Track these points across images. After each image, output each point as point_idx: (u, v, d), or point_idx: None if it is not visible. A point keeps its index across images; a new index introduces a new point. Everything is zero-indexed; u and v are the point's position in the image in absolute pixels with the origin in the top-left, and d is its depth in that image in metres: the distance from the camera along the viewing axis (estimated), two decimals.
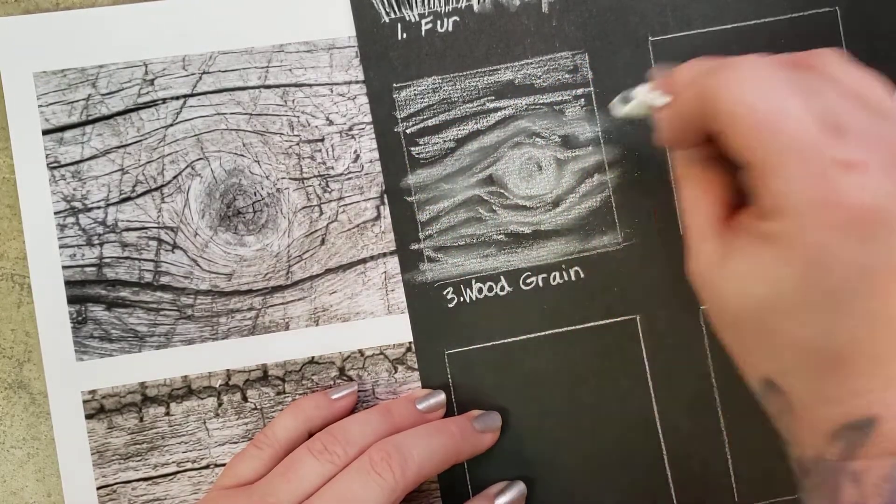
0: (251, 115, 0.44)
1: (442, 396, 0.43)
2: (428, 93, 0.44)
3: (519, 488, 0.43)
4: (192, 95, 0.44)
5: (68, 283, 0.43)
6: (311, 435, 0.41)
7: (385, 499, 0.37)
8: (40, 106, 0.44)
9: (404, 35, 0.44)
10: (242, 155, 0.44)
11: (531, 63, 0.44)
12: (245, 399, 0.44)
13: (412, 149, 0.44)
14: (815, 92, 0.30)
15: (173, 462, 0.44)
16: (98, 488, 0.43)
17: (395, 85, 0.44)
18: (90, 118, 0.44)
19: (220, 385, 0.44)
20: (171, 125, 0.44)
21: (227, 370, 0.44)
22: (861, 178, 0.28)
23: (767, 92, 0.29)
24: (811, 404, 0.30)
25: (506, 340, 0.44)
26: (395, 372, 0.44)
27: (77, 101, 0.44)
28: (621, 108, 0.38)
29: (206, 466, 0.44)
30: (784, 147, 0.29)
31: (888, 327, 0.28)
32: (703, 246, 0.33)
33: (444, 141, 0.44)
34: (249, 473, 0.40)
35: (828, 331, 0.29)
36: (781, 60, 0.32)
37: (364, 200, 0.44)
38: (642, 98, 0.36)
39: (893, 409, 0.28)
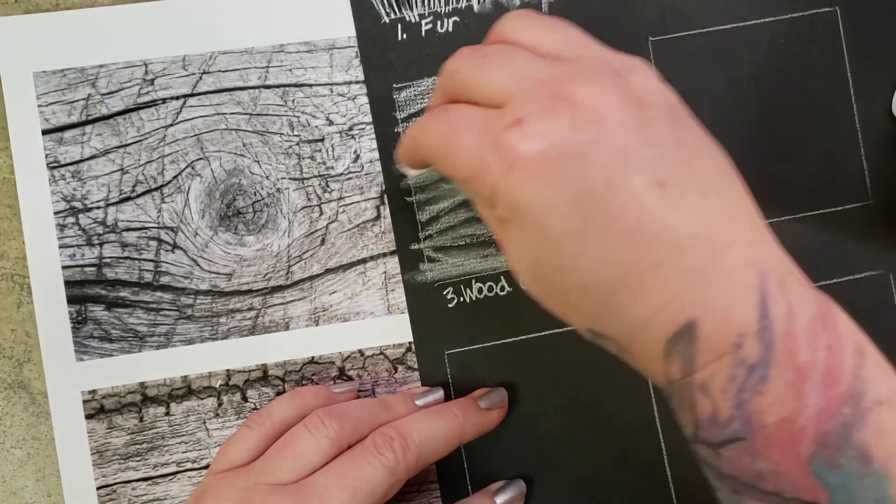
0: (251, 115, 0.44)
1: (440, 393, 0.43)
2: (428, 93, 0.44)
3: (518, 486, 0.43)
4: (192, 95, 0.44)
5: (68, 283, 0.44)
6: None
7: (387, 478, 0.37)
8: (40, 106, 0.44)
9: (404, 35, 0.44)
10: (242, 155, 0.44)
11: None
12: (245, 399, 0.44)
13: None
14: (479, 76, 0.33)
15: (173, 462, 0.44)
16: (98, 488, 0.43)
17: (395, 85, 0.44)
18: (90, 118, 0.44)
19: (220, 385, 0.44)
20: (171, 125, 0.44)
21: (227, 370, 0.44)
22: (521, 130, 0.29)
23: (429, 130, 0.34)
24: (633, 335, 0.31)
25: (506, 340, 0.44)
26: (395, 372, 0.44)
27: (77, 100, 0.44)
28: (411, 172, 0.44)
29: (206, 466, 0.44)
30: (460, 153, 0.32)
31: (643, 236, 0.29)
32: (501, 248, 0.36)
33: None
34: (243, 455, 0.39)
35: (598, 266, 0.30)
36: (468, 51, 0.35)
37: (364, 200, 0.45)
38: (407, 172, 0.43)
39: (704, 307, 0.29)
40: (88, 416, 0.44)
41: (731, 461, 0.30)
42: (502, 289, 0.44)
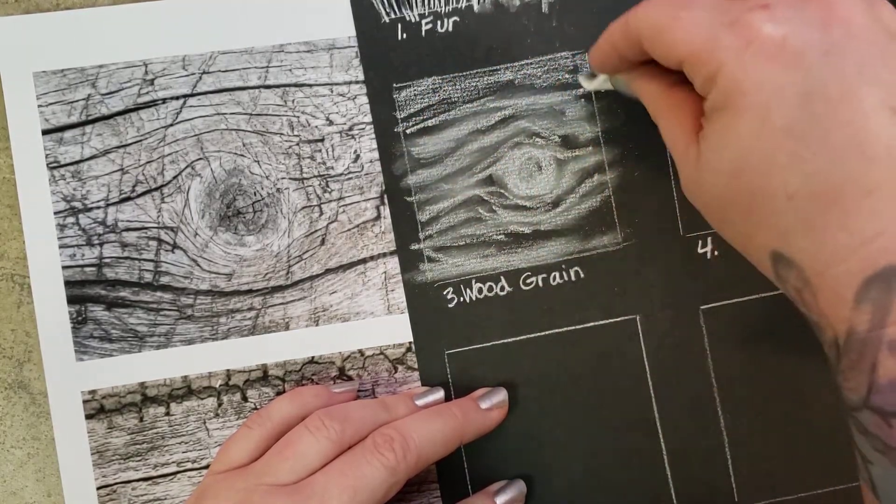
0: (251, 115, 0.44)
1: (440, 394, 0.43)
2: (428, 93, 0.45)
3: (519, 487, 0.43)
4: (192, 95, 0.44)
5: (68, 283, 0.44)
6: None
7: (388, 478, 0.37)
8: (40, 106, 0.44)
9: (404, 35, 0.44)
10: (242, 155, 0.44)
11: (531, 63, 0.45)
12: (245, 399, 0.44)
13: (412, 149, 0.44)
14: None
15: (173, 462, 0.44)
16: (98, 488, 0.44)
17: (395, 85, 0.45)
18: (90, 118, 0.44)
19: (220, 385, 0.44)
20: (171, 125, 0.44)
21: (227, 370, 0.44)
22: (768, 13, 0.29)
23: (653, 5, 0.32)
24: (824, 266, 0.28)
25: (506, 340, 0.45)
26: (395, 372, 0.45)
27: (77, 100, 0.44)
28: (588, 84, 0.43)
29: (206, 466, 0.44)
30: (689, 26, 0.31)
31: (866, 152, 0.28)
32: (685, 158, 0.34)
33: (444, 141, 0.45)
34: (243, 456, 0.39)
35: (814, 172, 0.28)
36: None
37: (364, 200, 0.45)
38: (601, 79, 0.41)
39: None
40: (88, 416, 0.44)
41: None
42: (502, 289, 0.45)
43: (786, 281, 0.31)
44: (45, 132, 0.44)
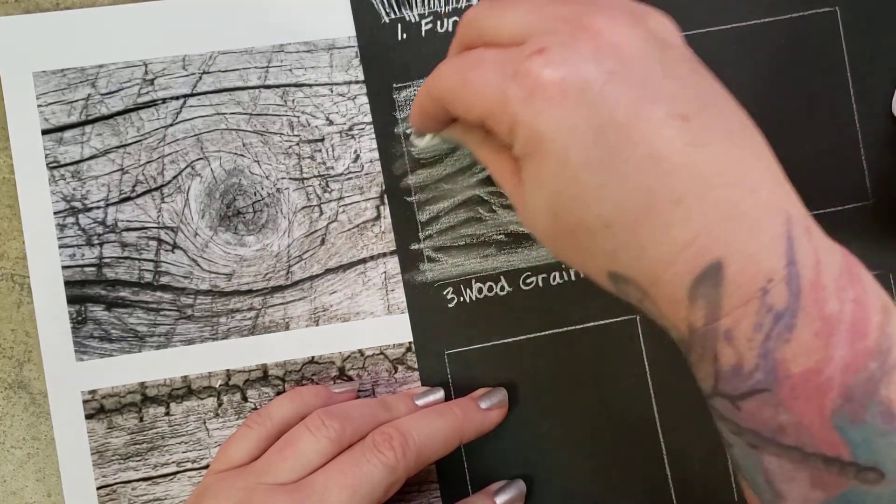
0: (251, 115, 0.44)
1: (440, 393, 0.43)
2: None
3: (518, 486, 0.43)
4: (192, 95, 0.44)
5: (68, 283, 0.44)
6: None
7: (387, 477, 0.37)
8: (40, 106, 0.44)
9: (404, 35, 0.45)
10: (242, 155, 0.44)
11: None
12: (245, 399, 0.44)
13: (412, 149, 0.45)
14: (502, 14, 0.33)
15: (173, 462, 0.44)
16: (98, 488, 0.44)
17: (395, 85, 0.45)
18: (90, 118, 0.44)
19: (220, 385, 0.44)
20: (171, 125, 0.44)
21: (227, 370, 0.44)
22: (544, 58, 0.29)
23: (445, 71, 0.34)
24: (656, 275, 0.30)
25: (506, 340, 0.45)
26: (395, 372, 0.45)
27: (77, 100, 0.44)
28: (419, 142, 0.42)
29: (206, 466, 0.44)
30: (479, 87, 0.32)
31: (665, 166, 0.29)
32: (514, 199, 0.35)
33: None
34: (243, 455, 0.39)
35: (622, 198, 0.29)
36: (486, 2, 0.34)
37: (364, 200, 0.45)
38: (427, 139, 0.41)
39: (730, 248, 0.28)
40: (88, 416, 0.44)
41: (751, 414, 0.29)
42: (502, 289, 0.45)
43: (628, 295, 0.32)
44: (44, 132, 0.44)
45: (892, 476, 0.27)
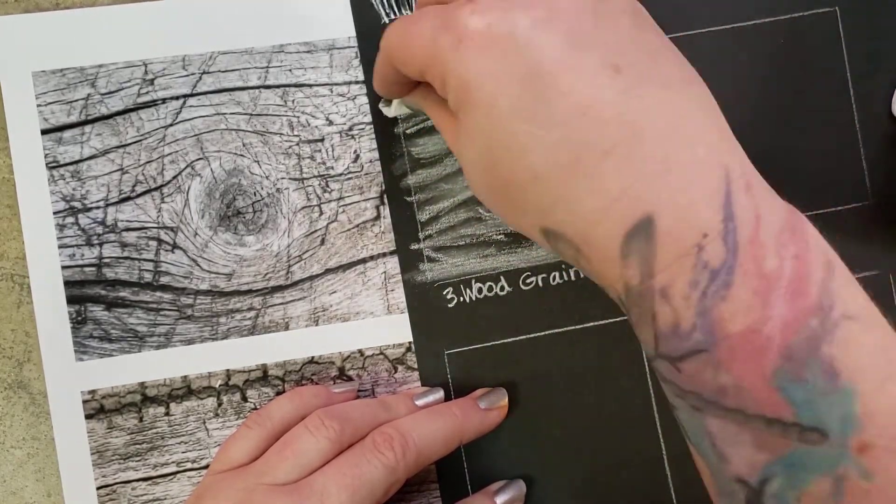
0: (251, 115, 0.45)
1: (440, 394, 0.43)
2: None
3: (518, 486, 0.44)
4: (191, 95, 0.45)
5: (68, 283, 0.44)
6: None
7: (387, 477, 0.37)
8: (39, 105, 0.44)
9: None
10: (242, 155, 0.45)
11: None
12: (245, 399, 0.44)
13: (412, 149, 0.45)
14: None
15: (173, 462, 0.44)
16: (98, 488, 0.44)
17: None
18: (89, 118, 0.44)
19: (219, 385, 0.44)
20: (171, 125, 0.44)
21: (227, 370, 0.44)
22: (471, 6, 0.30)
23: (390, 31, 0.34)
24: (588, 231, 0.29)
25: (506, 340, 0.45)
26: (395, 372, 0.45)
27: (76, 100, 0.44)
28: (387, 110, 0.43)
29: (206, 466, 0.44)
30: (415, 40, 0.32)
31: (593, 116, 0.28)
32: (459, 159, 0.35)
33: (444, 141, 0.45)
34: (242, 455, 0.39)
35: (550, 148, 0.29)
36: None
37: (364, 200, 0.45)
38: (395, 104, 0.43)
39: (662, 202, 0.28)
40: (88, 416, 0.44)
41: (692, 376, 0.29)
42: (502, 289, 0.45)
43: (563, 252, 0.32)
44: (44, 132, 0.44)
45: (835, 436, 0.27)
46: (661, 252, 0.28)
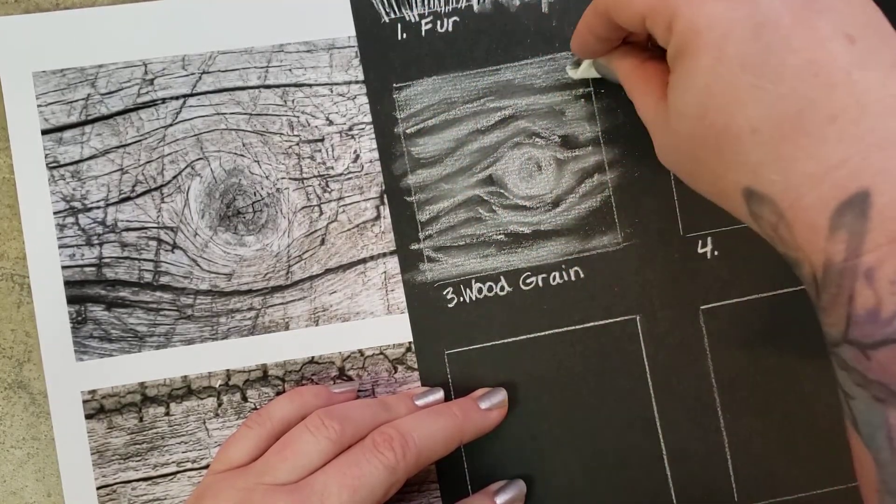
0: (251, 114, 0.45)
1: (440, 394, 0.44)
2: (428, 93, 0.45)
3: (518, 486, 0.44)
4: (191, 95, 0.45)
5: (68, 283, 0.44)
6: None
7: (387, 477, 0.37)
8: (40, 106, 0.44)
9: (404, 35, 0.45)
10: (242, 155, 0.45)
11: (531, 63, 0.45)
12: (245, 399, 0.44)
13: (412, 149, 0.45)
14: None
15: (173, 462, 0.44)
16: (98, 488, 0.44)
17: (395, 85, 0.45)
18: (89, 118, 0.44)
19: (219, 385, 0.44)
20: (171, 125, 0.45)
21: (227, 370, 0.44)
22: None
23: None
24: (796, 196, 0.29)
25: (506, 340, 0.45)
26: (395, 372, 0.45)
27: (76, 100, 0.44)
28: (573, 73, 0.44)
29: (206, 466, 0.44)
30: None
31: (824, 78, 0.28)
32: (655, 121, 0.35)
33: (444, 141, 0.45)
34: (242, 455, 0.40)
35: (774, 103, 0.29)
36: None
37: (364, 200, 0.45)
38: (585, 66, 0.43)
39: (882, 177, 0.27)
40: (88, 416, 0.44)
41: (883, 365, 0.27)
42: (502, 289, 0.45)
43: (760, 217, 0.31)
44: (44, 132, 0.44)
45: None
46: (873, 231, 0.27)
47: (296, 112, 0.45)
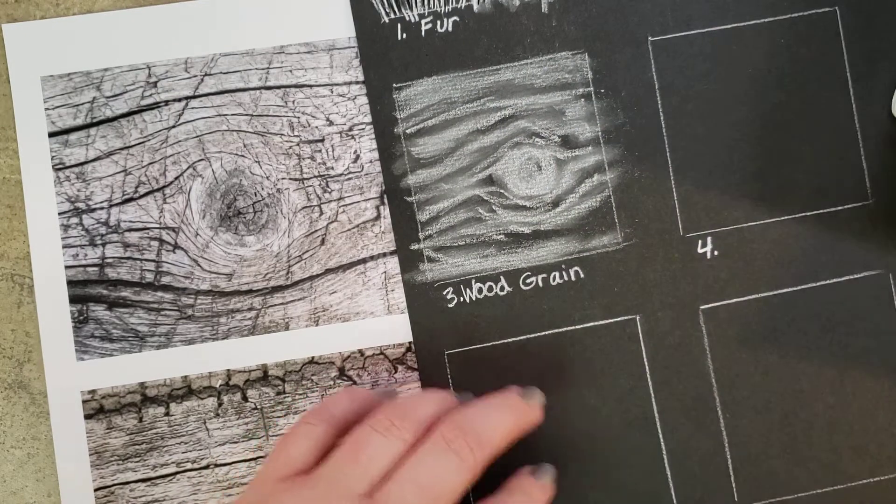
0: (252, 115, 0.45)
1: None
2: (428, 93, 0.45)
3: (550, 468, 0.42)
4: (194, 97, 0.45)
5: (70, 283, 0.45)
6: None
7: (466, 478, 0.36)
8: (47, 109, 0.45)
9: (404, 35, 0.45)
10: (243, 156, 0.45)
11: (531, 63, 0.46)
12: (245, 399, 0.45)
13: (412, 149, 0.45)
14: None
15: (173, 462, 0.44)
16: (95, 490, 0.44)
17: (395, 85, 0.45)
18: (95, 120, 0.45)
19: (220, 385, 0.45)
20: (174, 127, 0.45)
21: (228, 370, 0.45)
22: None
23: None
24: None
25: (506, 340, 0.45)
26: (395, 372, 0.45)
27: (82, 103, 0.45)
28: None
29: (206, 467, 0.45)
30: None
31: None
32: None
33: (444, 141, 0.45)
34: (306, 456, 0.37)
35: None
36: None
37: (364, 200, 0.45)
38: None
39: None
40: (87, 417, 0.44)
41: None
42: (502, 289, 0.45)
43: None
44: (51, 134, 0.45)
45: None
46: None
47: (296, 113, 0.45)
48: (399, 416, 0.37)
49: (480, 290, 0.45)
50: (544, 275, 0.45)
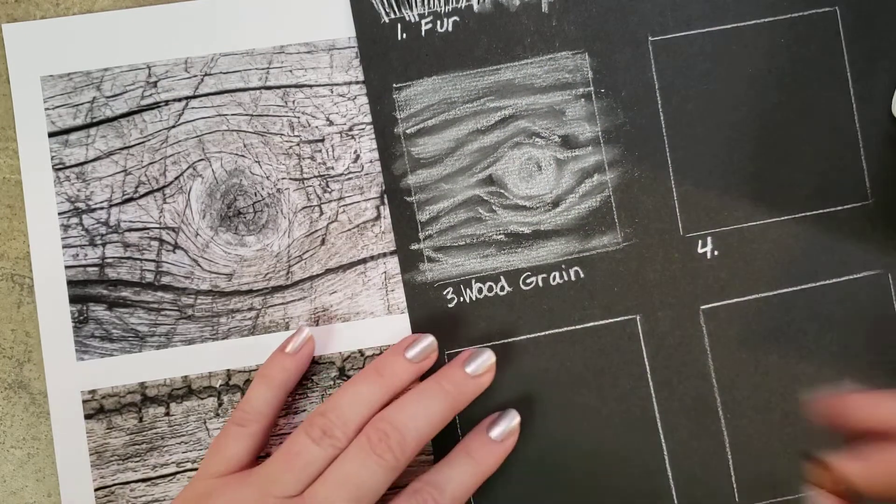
0: (252, 115, 0.45)
1: (431, 339, 0.43)
2: (428, 93, 0.45)
3: (510, 416, 0.43)
4: (194, 97, 0.46)
5: (70, 283, 0.45)
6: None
7: (387, 478, 0.38)
8: (47, 109, 0.45)
9: (404, 35, 0.46)
10: (243, 156, 0.45)
11: (531, 63, 0.46)
12: None
13: (412, 149, 0.45)
14: None
15: (173, 462, 0.45)
16: (96, 490, 0.44)
17: (395, 85, 0.46)
18: (94, 120, 0.45)
19: (220, 385, 0.45)
20: (174, 126, 0.45)
21: (228, 370, 0.45)
22: None
23: None
24: None
25: (506, 340, 0.45)
26: None
27: (82, 103, 0.45)
28: None
29: None
30: None
31: None
32: None
33: (444, 141, 0.45)
34: (241, 455, 0.41)
35: None
36: None
37: (364, 200, 0.46)
38: None
39: None
40: (88, 416, 0.44)
41: None
42: (502, 289, 0.45)
43: None
44: (51, 134, 0.45)
45: None
46: None
47: (296, 113, 0.46)
48: (330, 424, 0.39)
49: (480, 290, 0.45)
50: (544, 275, 0.46)
